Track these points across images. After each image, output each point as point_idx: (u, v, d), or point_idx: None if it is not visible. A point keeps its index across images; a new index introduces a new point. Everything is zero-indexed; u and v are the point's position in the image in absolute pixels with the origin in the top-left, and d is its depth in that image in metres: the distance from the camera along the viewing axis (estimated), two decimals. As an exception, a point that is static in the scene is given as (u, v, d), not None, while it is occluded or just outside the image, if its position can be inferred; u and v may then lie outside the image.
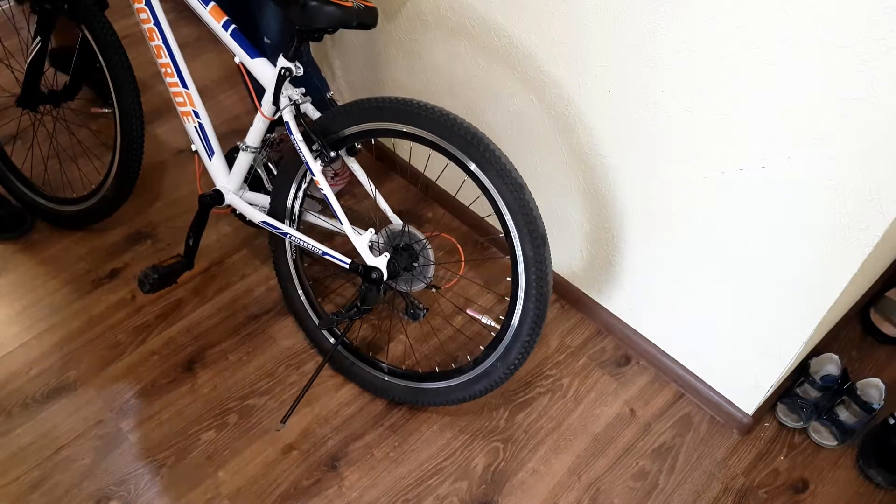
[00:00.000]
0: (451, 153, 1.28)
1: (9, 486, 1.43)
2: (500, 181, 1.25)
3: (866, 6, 0.92)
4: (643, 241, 1.47)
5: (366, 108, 1.32)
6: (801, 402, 1.54)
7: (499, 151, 1.24)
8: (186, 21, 2.39)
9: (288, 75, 1.34)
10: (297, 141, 1.36)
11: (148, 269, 1.54)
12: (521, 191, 1.25)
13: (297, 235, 1.47)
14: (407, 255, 1.41)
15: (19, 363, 1.62)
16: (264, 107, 1.40)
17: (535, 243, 1.27)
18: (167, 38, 1.47)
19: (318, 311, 1.62)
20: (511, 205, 1.26)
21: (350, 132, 1.36)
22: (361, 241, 1.38)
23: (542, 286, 1.30)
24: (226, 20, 1.40)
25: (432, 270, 1.42)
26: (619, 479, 1.48)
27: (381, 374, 1.56)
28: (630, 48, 1.23)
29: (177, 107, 1.52)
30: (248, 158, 1.52)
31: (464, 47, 1.56)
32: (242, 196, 1.58)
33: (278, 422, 1.51)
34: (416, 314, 1.49)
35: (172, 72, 1.48)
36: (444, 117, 1.25)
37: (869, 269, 1.26)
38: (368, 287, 1.38)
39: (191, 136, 1.54)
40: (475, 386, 1.45)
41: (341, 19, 1.27)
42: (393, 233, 1.42)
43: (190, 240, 1.61)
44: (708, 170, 1.25)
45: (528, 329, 1.34)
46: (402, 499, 1.44)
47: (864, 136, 1.01)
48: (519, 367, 1.39)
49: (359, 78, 1.93)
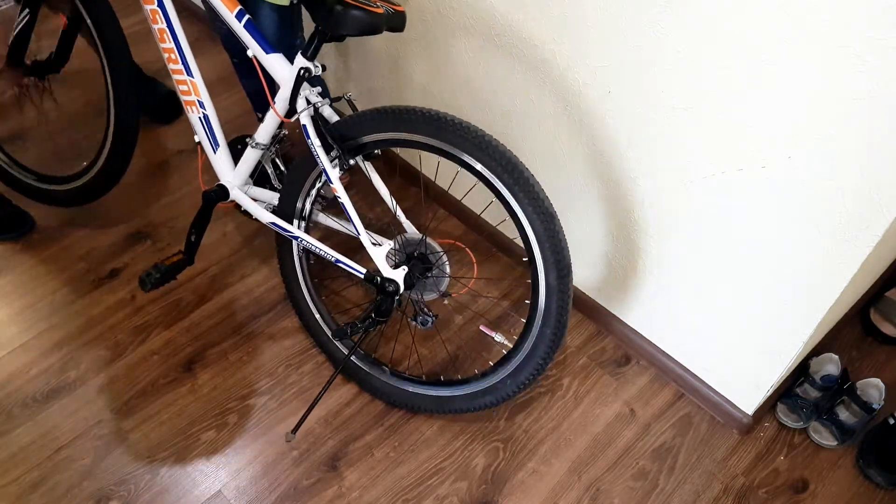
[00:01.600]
0: (480, 174, 1.25)
1: (9, 486, 1.43)
2: (531, 209, 1.22)
3: (866, 6, 0.92)
4: (643, 241, 1.47)
5: (393, 118, 1.27)
6: (801, 402, 1.54)
7: (533, 179, 1.22)
8: (186, 21, 2.38)
9: (307, 76, 1.29)
10: (315, 146, 1.31)
11: (150, 269, 1.53)
12: (551, 220, 1.22)
13: (308, 239, 1.43)
14: (421, 264, 1.38)
15: (19, 363, 1.62)
16: (278, 105, 1.35)
17: (560, 273, 1.25)
18: (171, 21, 1.40)
19: (324, 315, 1.61)
20: (540, 233, 1.23)
21: (371, 139, 1.32)
22: (379, 253, 1.34)
23: (562, 314, 1.28)
24: (239, 10, 1.33)
25: (446, 283, 1.40)
26: (619, 479, 1.48)
27: (383, 376, 1.56)
28: (630, 48, 1.23)
29: (181, 96, 1.45)
30: (257, 154, 1.48)
31: (472, 45, 1.56)
32: (248, 192, 1.54)
33: (288, 432, 1.47)
34: (426, 321, 1.47)
35: (176, 58, 1.41)
36: (479, 139, 1.21)
37: (869, 269, 1.26)
38: (384, 299, 1.35)
39: (195, 126, 1.48)
40: (481, 399, 1.45)
41: (370, 25, 1.21)
42: (409, 241, 1.39)
43: (192, 236, 1.58)
44: (708, 170, 1.25)
45: (542, 353, 1.34)
46: (402, 499, 1.44)
47: (864, 135, 1.01)
48: (529, 386, 1.39)
49: (378, 82, 1.92)
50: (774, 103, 1.09)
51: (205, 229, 1.60)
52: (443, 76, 1.67)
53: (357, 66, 1.94)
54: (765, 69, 1.07)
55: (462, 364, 1.65)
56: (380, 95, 1.93)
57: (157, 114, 2.16)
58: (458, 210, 1.92)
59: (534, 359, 1.35)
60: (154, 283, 1.52)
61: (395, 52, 1.76)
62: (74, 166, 1.79)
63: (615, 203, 1.47)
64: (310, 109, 1.32)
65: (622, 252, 1.54)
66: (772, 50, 1.04)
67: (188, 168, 2.06)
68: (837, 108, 1.02)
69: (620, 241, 1.52)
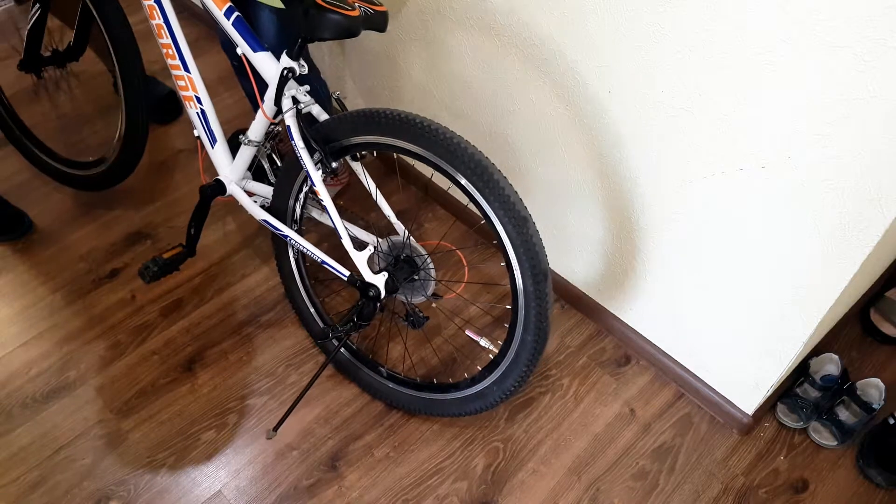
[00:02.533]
0: (454, 178, 1.23)
1: (9, 486, 1.43)
2: (502, 213, 1.20)
3: (866, 6, 0.92)
4: (643, 240, 1.47)
5: (372, 121, 1.26)
6: (801, 402, 1.54)
7: (504, 182, 1.19)
8: (185, 22, 2.39)
9: (291, 76, 1.29)
10: (298, 148, 1.30)
11: (148, 262, 1.53)
12: (524, 224, 1.20)
13: (298, 239, 1.44)
14: (408, 266, 1.37)
15: (19, 363, 1.62)
16: (266, 105, 1.36)
17: (536, 279, 1.22)
18: (168, 17, 1.40)
19: (322, 313, 1.61)
20: (513, 238, 1.21)
21: (353, 142, 1.32)
22: (360, 258, 1.34)
23: (541, 321, 1.26)
24: (228, 7, 1.33)
25: (433, 287, 1.39)
26: (619, 479, 1.48)
27: (380, 378, 1.56)
28: (630, 48, 1.23)
29: (179, 91, 1.47)
30: (251, 152, 1.49)
31: (472, 45, 1.56)
32: (246, 186, 1.54)
33: (269, 430, 1.48)
34: (417, 322, 1.46)
35: (174, 53, 1.42)
36: (449, 141, 1.19)
37: (869, 269, 1.26)
38: (365, 302, 1.34)
39: (193, 121, 1.50)
40: (470, 404, 1.45)
41: (346, 29, 1.20)
42: (395, 244, 1.39)
43: (191, 229, 1.60)
44: (708, 170, 1.25)
45: (525, 360, 1.32)
46: (401, 499, 1.44)
47: (865, 135, 1.01)
48: (515, 393, 1.37)
49: (374, 81, 1.92)
50: (774, 103, 1.09)
51: (203, 223, 1.61)
52: (442, 76, 1.67)
53: (356, 64, 1.94)
54: (765, 69, 1.07)
55: (458, 367, 1.65)
56: (378, 95, 1.92)
57: (156, 113, 2.16)
58: (457, 210, 1.93)
59: (518, 365, 1.33)
60: (153, 276, 1.53)
61: (393, 52, 1.76)
62: (95, 153, 1.89)
63: (615, 202, 1.47)
64: (293, 110, 1.31)
65: (622, 252, 1.54)
66: (772, 50, 1.04)
67: (188, 168, 2.06)
68: (837, 109, 1.02)
69: (620, 240, 1.52)
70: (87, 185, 1.92)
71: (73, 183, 1.93)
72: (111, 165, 1.81)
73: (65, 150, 1.96)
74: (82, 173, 1.89)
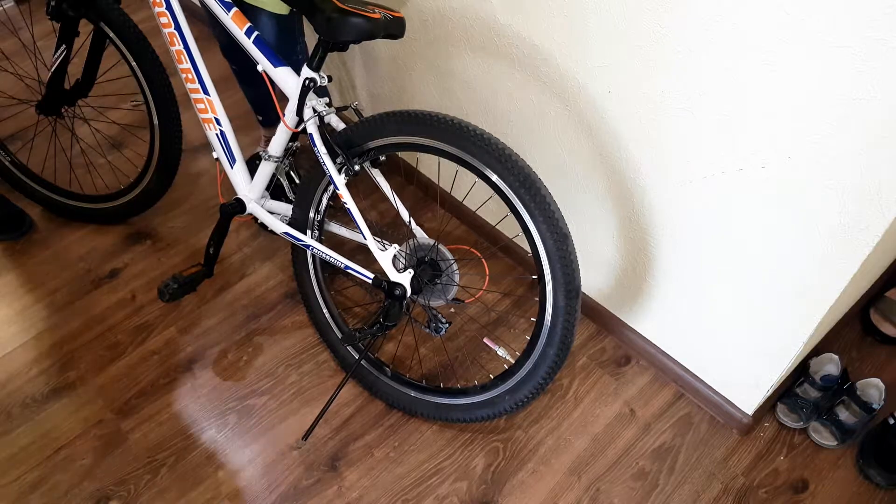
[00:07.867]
0: (498, 187, 1.23)
1: (9, 486, 1.43)
2: (545, 227, 1.21)
3: (866, 6, 0.92)
4: (643, 241, 1.47)
5: (401, 121, 1.27)
6: (801, 402, 1.54)
7: (550, 197, 1.20)
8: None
9: (312, 86, 1.31)
10: (321, 154, 1.33)
11: (168, 279, 1.54)
12: (564, 241, 1.20)
13: (319, 247, 1.45)
14: (430, 269, 1.38)
15: (19, 363, 1.62)
16: (287, 117, 1.38)
17: (568, 295, 1.23)
18: (188, 42, 1.44)
19: (339, 322, 1.61)
20: (552, 253, 1.22)
21: (377, 144, 1.33)
22: (385, 257, 1.36)
23: (566, 336, 1.27)
24: (248, 27, 1.36)
25: (455, 291, 1.40)
26: (619, 479, 1.48)
27: (384, 378, 1.56)
28: (630, 48, 1.23)
29: (198, 114, 1.49)
30: (271, 168, 1.51)
31: (472, 45, 1.56)
32: (264, 205, 1.57)
33: (299, 439, 1.50)
34: (439, 328, 1.47)
35: (193, 77, 1.45)
36: (501, 152, 1.20)
37: (869, 269, 1.26)
38: (391, 303, 1.36)
39: (212, 143, 1.52)
40: (478, 411, 1.45)
41: (368, 32, 1.22)
42: (420, 246, 1.40)
43: (210, 248, 1.61)
44: (708, 170, 1.25)
45: (543, 372, 1.33)
46: (401, 499, 1.44)
47: (865, 136, 1.01)
48: (527, 405, 1.37)
49: (381, 87, 1.92)
50: (774, 103, 1.09)
51: (223, 242, 1.62)
52: (443, 76, 1.67)
53: (360, 73, 1.95)
54: (765, 69, 1.07)
55: (465, 373, 1.65)
56: (383, 100, 1.93)
57: None
58: (470, 220, 1.93)
59: (534, 378, 1.34)
60: (172, 295, 1.54)
61: (394, 54, 1.76)
62: (120, 182, 1.90)
63: (614, 203, 1.47)
64: (315, 118, 1.34)
65: (622, 252, 1.54)
66: (772, 50, 1.04)
67: (188, 168, 2.06)
68: (837, 109, 1.02)
69: (620, 241, 1.52)
70: (115, 215, 1.89)
71: (100, 218, 1.91)
72: (144, 189, 1.80)
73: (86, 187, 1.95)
74: (108, 205, 1.87)
